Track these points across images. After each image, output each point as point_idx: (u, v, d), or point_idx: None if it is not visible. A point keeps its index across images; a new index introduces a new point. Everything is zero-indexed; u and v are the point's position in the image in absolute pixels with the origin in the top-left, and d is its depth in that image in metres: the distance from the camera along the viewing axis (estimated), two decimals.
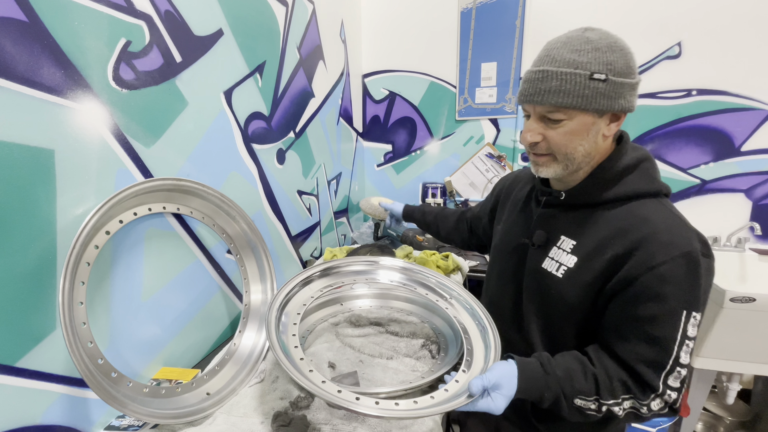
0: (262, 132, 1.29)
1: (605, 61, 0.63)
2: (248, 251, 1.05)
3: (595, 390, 0.67)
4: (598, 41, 0.64)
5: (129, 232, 0.83)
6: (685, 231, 0.65)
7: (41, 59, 0.64)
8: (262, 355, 0.99)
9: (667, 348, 0.63)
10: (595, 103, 0.64)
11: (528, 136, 0.71)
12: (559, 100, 0.65)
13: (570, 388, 0.67)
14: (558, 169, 0.72)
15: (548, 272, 0.76)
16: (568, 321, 0.75)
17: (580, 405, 0.67)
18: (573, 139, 0.68)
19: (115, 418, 0.79)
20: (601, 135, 0.69)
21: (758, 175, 1.71)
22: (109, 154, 0.77)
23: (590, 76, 0.63)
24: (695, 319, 0.63)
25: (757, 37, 1.59)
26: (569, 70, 0.64)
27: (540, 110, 0.69)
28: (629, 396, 0.66)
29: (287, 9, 1.38)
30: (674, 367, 0.64)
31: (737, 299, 1.32)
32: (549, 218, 0.79)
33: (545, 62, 0.66)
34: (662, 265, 0.62)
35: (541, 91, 0.66)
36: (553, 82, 0.65)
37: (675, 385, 0.64)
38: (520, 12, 1.86)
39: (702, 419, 1.80)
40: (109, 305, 0.79)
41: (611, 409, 0.66)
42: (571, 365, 0.69)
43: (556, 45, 0.67)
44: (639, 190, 0.70)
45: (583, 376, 0.68)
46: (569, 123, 0.67)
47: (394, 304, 1.27)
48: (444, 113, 2.12)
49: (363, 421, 0.78)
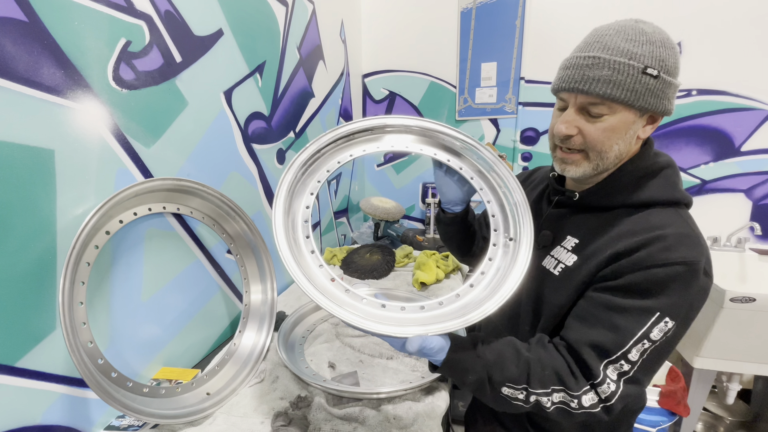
0: (262, 132, 1.29)
1: (659, 57, 0.59)
2: (248, 251, 1.05)
3: (526, 378, 0.63)
4: (652, 34, 0.60)
5: (129, 232, 0.83)
6: (695, 245, 0.61)
7: (41, 59, 0.64)
8: (262, 355, 0.99)
9: (622, 338, 0.60)
10: (643, 100, 0.60)
11: (563, 128, 0.65)
12: (608, 91, 0.59)
13: (499, 374, 0.63)
14: (588, 168, 0.67)
15: (546, 270, 0.74)
16: (552, 322, 0.72)
17: (507, 394, 0.63)
18: (611, 137, 0.63)
19: (115, 418, 0.79)
20: (636, 136, 0.65)
21: (758, 175, 1.71)
22: (109, 154, 0.77)
23: (644, 69, 0.58)
24: (665, 324, 0.59)
25: (757, 37, 1.59)
26: (624, 60, 0.58)
27: (582, 100, 0.63)
28: (560, 388, 0.62)
29: (287, 9, 1.38)
30: (619, 359, 0.60)
31: (737, 299, 1.32)
32: (558, 218, 0.77)
33: (596, 48, 0.61)
34: (657, 267, 0.59)
35: (588, 79, 0.60)
36: (604, 71, 0.59)
37: (613, 376, 0.60)
38: (520, 12, 1.87)
39: (702, 419, 1.81)
40: (109, 305, 0.79)
41: (539, 399, 0.62)
42: (504, 350, 0.65)
43: (608, 32, 0.61)
44: (657, 198, 0.66)
45: (515, 362, 0.64)
46: (610, 118, 0.62)
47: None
48: (444, 113, 2.12)
49: (363, 421, 0.78)
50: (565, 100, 0.66)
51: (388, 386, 0.86)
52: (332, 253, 1.70)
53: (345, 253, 1.69)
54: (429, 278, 1.41)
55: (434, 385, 0.88)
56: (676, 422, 1.54)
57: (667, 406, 1.47)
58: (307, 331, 1.11)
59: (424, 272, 1.43)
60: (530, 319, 0.78)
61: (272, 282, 1.07)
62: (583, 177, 0.70)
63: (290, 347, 1.03)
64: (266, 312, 1.05)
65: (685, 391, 1.48)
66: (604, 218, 0.69)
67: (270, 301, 1.06)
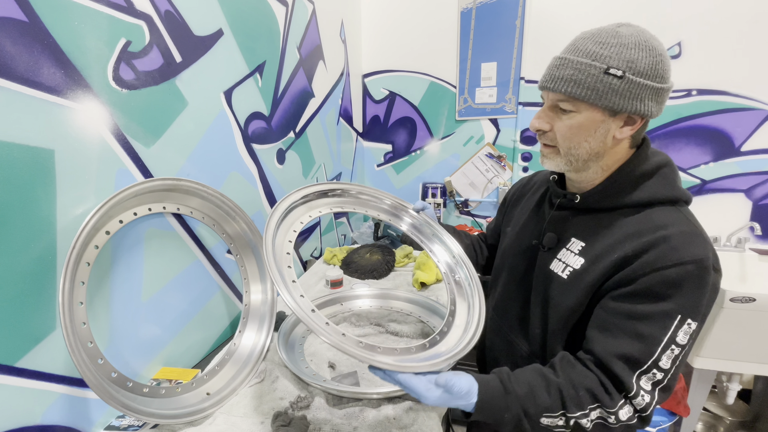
0: (262, 132, 1.29)
1: (627, 58, 0.60)
2: (248, 251, 1.05)
3: (561, 404, 0.62)
4: (627, 37, 0.61)
5: (129, 232, 0.83)
6: (701, 241, 0.62)
7: (41, 59, 0.64)
8: (262, 355, 0.99)
9: (650, 347, 0.60)
10: (606, 99, 0.62)
11: (536, 123, 0.70)
12: (568, 89, 0.63)
13: (534, 406, 0.62)
14: (560, 163, 0.70)
15: (555, 274, 0.74)
16: (566, 325, 0.72)
17: (547, 424, 0.63)
18: (578, 134, 0.66)
19: (115, 418, 0.79)
20: (611, 136, 0.66)
21: (758, 175, 1.71)
22: (109, 154, 0.77)
23: (606, 69, 0.61)
24: (689, 326, 0.60)
25: (757, 37, 1.59)
26: (586, 61, 0.62)
27: (552, 98, 0.67)
28: (596, 405, 0.62)
29: (287, 9, 1.38)
30: (651, 368, 0.60)
31: (737, 299, 1.32)
32: (561, 220, 0.77)
33: (568, 51, 0.65)
34: (669, 269, 0.60)
35: (554, 78, 0.65)
36: (567, 71, 0.63)
37: (647, 387, 0.61)
38: (520, 12, 1.86)
39: (702, 419, 1.81)
40: (109, 305, 0.79)
41: (579, 422, 0.62)
42: (532, 380, 0.65)
43: (585, 35, 0.65)
44: (657, 197, 0.67)
45: (546, 390, 0.63)
46: (577, 116, 0.65)
47: (394, 304, 1.27)
48: (444, 113, 2.12)
49: (363, 421, 0.78)
50: (543, 97, 0.71)
51: (388, 386, 0.85)
52: (332, 253, 1.70)
53: (345, 253, 1.69)
54: (429, 278, 1.41)
55: None
56: (676, 422, 1.54)
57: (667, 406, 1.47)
58: (307, 331, 1.11)
59: (424, 272, 1.43)
60: (540, 323, 0.77)
61: (272, 282, 1.07)
62: (559, 170, 0.73)
63: (290, 347, 1.03)
64: (266, 312, 1.05)
65: (685, 391, 1.48)
66: (607, 219, 0.70)
67: (270, 301, 1.06)
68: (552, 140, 0.70)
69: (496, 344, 0.91)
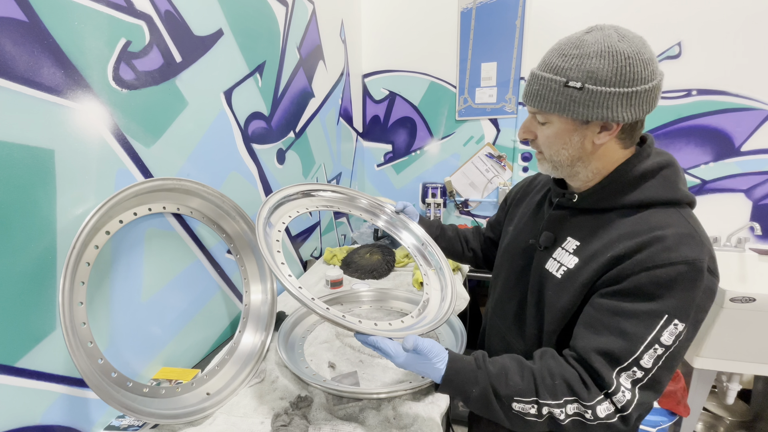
0: (262, 132, 1.29)
1: (587, 69, 0.60)
2: (248, 251, 1.05)
3: (534, 390, 0.63)
4: (590, 45, 0.61)
5: (129, 232, 0.83)
6: (696, 242, 0.60)
7: (41, 59, 0.64)
8: (262, 355, 0.99)
9: (632, 345, 0.59)
10: (569, 110, 0.63)
11: (521, 133, 0.75)
12: (536, 104, 0.67)
13: (504, 387, 0.63)
14: (548, 167, 0.74)
15: (549, 273, 0.74)
16: (559, 326, 0.72)
17: (518, 410, 0.63)
18: (555, 142, 0.69)
19: (115, 418, 0.79)
20: (589, 142, 0.67)
21: (758, 175, 1.71)
22: (109, 154, 0.77)
23: (566, 83, 0.62)
24: (675, 327, 0.59)
25: (757, 37, 1.59)
26: (549, 76, 0.64)
27: (529, 110, 0.71)
28: (572, 398, 0.61)
29: (287, 9, 1.38)
30: (631, 365, 0.60)
31: (737, 299, 1.32)
32: (559, 220, 0.77)
33: (540, 65, 0.67)
34: (660, 268, 0.59)
35: (527, 94, 0.69)
36: (535, 86, 0.66)
37: (627, 384, 0.60)
38: (520, 12, 1.87)
39: (702, 419, 1.81)
40: (109, 305, 0.79)
41: (552, 412, 0.62)
42: (506, 363, 0.66)
43: (554, 47, 0.66)
44: (657, 198, 0.66)
45: (520, 374, 0.64)
46: (551, 126, 0.69)
47: (394, 304, 1.28)
48: (444, 113, 2.13)
49: (363, 421, 0.78)
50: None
51: (388, 386, 0.86)
52: (332, 253, 1.70)
53: (345, 253, 1.69)
54: None
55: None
56: (676, 422, 1.54)
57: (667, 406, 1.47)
58: (307, 331, 1.11)
59: None
60: (536, 323, 0.77)
61: (272, 282, 1.07)
62: (548, 173, 0.76)
63: (290, 347, 1.03)
64: (266, 312, 1.05)
65: (685, 391, 1.48)
66: (604, 219, 0.70)
67: (270, 301, 1.06)
68: (537, 147, 0.74)
69: (494, 344, 0.91)
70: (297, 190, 1.00)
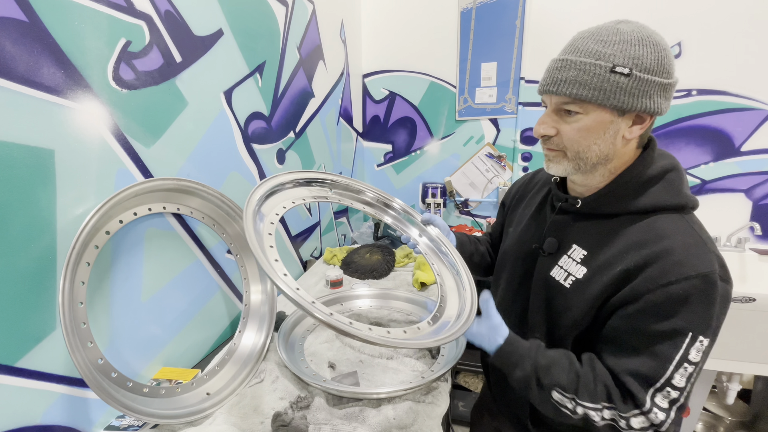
0: (262, 132, 1.29)
1: (632, 55, 0.58)
2: (248, 251, 1.05)
3: (575, 388, 0.64)
4: (629, 33, 0.59)
5: (129, 232, 0.83)
6: (705, 251, 0.60)
7: (41, 59, 0.64)
8: (262, 355, 0.99)
9: (662, 365, 0.59)
10: (614, 98, 0.59)
11: (541, 129, 0.67)
12: (574, 91, 0.61)
13: (548, 377, 0.66)
14: (568, 166, 0.68)
15: (556, 281, 0.73)
16: (570, 333, 0.72)
17: (557, 399, 0.65)
18: (587, 137, 0.64)
19: (115, 418, 0.79)
20: (620, 137, 0.64)
21: (758, 175, 1.71)
22: (109, 154, 0.77)
23: (612, 68, 0.58)
24: (701, 344, 0.58)
25: (757, 37, 1.59)
26: (590, 60, 0.60)
27: (556, 101, 0.65)
28: (610, 405, 0.62)
29: (287, 9, 1.38)
30: (664, 386, 0.60)
31: (737, 299, 1.32)
32: (562, 225, 0.76)
33: (568, 51, 0.63)
34: (674, 284, 0.58)
35: (557, 81, 0.62)
36: (570, 72, 0.61)
37: (663, 405, 0.60)
38: (520, 12, 1.87)
39: (702, 419, 1.81)
40: (109, 305, 0.79)
41: (588, 413, 0.63)
42: (558, 358, 0.68)
43: (584, 35, 0.63)
44: (661, 203, 0.65)
45: (567, 370, 0.66)
46: (584, 118, 0.63)
47: (394, 304, 1.28)
48: (444, 113, 2.12)
49: (363, 421, 0.78)
50: (545, 101, 0.69)
51: (388, 386, 0.86)
52: (332, 253, 1.70)
53: (345, 253, 1.69)
54: (429, 278, 1.41)
55: (434, 385, 0.88)
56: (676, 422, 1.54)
57: None
58: (307, 331, 1.11)
59: (424, 272, 1.43)
60: (541, 329, 0.77)
61: (272, 282, 1.07)
62: (565, 174, 0.70)
63: (290, 347, 1.03)
64: (266, 312, 1.05)
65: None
66: (609, 226, 0.68)
67: (270, 301, 1.06)
68: (558, 145, 0.67)
69: None
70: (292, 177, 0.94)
